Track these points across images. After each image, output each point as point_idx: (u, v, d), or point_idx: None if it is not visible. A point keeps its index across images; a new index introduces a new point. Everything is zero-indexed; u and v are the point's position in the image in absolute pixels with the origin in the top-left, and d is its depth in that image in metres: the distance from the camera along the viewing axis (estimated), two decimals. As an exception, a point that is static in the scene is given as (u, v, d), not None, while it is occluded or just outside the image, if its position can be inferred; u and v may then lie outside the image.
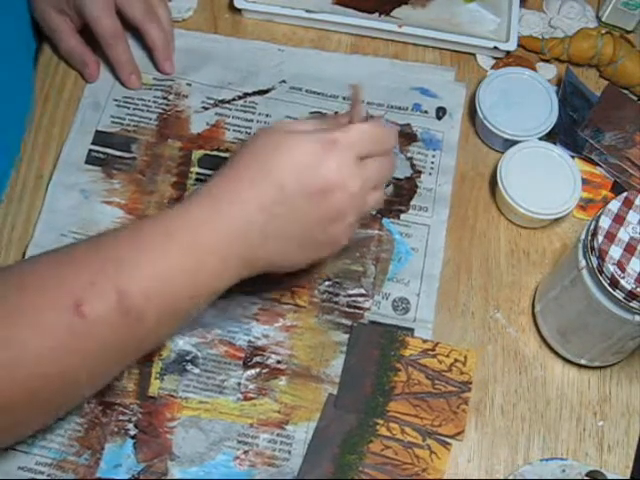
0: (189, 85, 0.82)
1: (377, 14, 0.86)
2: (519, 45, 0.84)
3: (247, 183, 0.58)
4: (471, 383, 0.70)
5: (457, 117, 0.81)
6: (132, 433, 0.68)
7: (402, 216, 0.77)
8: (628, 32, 0.87)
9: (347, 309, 0.73)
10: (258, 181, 0.58)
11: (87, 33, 0.80)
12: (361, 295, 0.73)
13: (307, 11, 0.84)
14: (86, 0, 0.76)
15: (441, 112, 0.82)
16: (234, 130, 0.80)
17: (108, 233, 0.60)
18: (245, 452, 0.68)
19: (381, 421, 0.69)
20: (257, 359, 0.71)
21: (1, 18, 0.73)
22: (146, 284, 0.55)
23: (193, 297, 0.59)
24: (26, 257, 0.73)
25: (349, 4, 0.86)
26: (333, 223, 0.61)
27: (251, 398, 0.69)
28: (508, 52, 0.84)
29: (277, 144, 0.59)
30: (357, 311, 0.73)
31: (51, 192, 0.76)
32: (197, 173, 0.78)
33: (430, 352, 0.71)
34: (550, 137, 0.79)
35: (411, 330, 0.72)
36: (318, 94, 0.82)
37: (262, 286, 0.72)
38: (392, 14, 0.86)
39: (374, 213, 0.76)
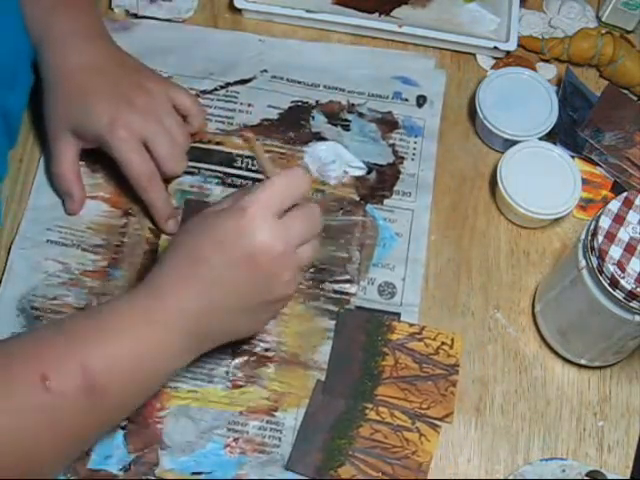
0: (170, 78, 0.81)
1: (377, 14, 0.86)
2: (519, 45, 0.84)
3: (182, 272, 0.60)
4: (458, 366, 0.70)
5: (438, 104, 0.82)
6: (122, 424, 0.67)
7: (386, 201, 0.77)
8: (628, 32, 0.87)
9: (333, 295, 0.73)
10: (191, 268, 0.60)
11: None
12: (347, 281, 0.74)
13: (307, 11, 0.84)
14: (113, 144, 0.71)
15: (421, 100, 0.82)
16: (216, 121, 0.80)
17: (70, 316, 0.65)
18: (235, 440, 0.68)
19: (370, 405, 0.69)
20: (245, 347, 0.71)
21: (2, 19, 0.72)
22: (109, 362, 0.57)
23: (151, 376, 0.61)
24: (12, 249, 0.73)
25: (349, 4, 0.86)
26: (269, 285, 0.61)
27: (240, 386, 0.70)
28: (508, 52, 0.84)
29: (198, 230, 0.61)
30: (343, 297, 0.73)
31: (35, 188, 0.76)
32: None
33: (417, 336, 0.71)
34: (550, 137, 0.79)
35: (397, 314, 0.72)
36: (300, 83, 0.82)
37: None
38: (392, 14, 0.86)
39: (358, 199, 0.77)
